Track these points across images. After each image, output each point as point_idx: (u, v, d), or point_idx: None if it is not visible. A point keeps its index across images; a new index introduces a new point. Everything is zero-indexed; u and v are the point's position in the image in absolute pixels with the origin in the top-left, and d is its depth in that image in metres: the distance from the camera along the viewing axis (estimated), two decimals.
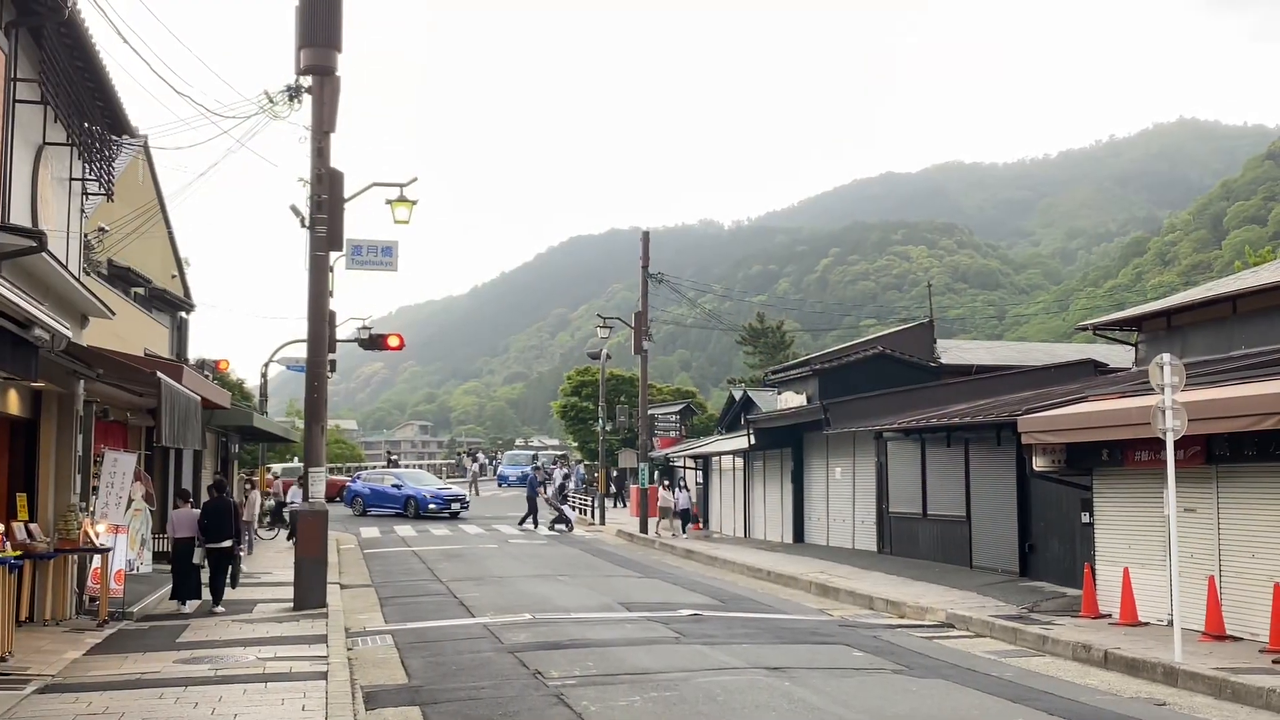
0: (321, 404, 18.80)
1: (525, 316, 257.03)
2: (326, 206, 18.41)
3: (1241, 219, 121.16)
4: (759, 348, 72.52)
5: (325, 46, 18.27)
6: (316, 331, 18.68)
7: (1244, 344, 21.53)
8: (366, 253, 22.06)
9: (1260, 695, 11.30)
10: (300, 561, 17.66)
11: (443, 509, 42.84)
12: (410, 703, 10.90)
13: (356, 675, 12.28)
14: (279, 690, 10.92)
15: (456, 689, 11.49)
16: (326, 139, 18.48)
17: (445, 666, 12.85)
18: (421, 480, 47.32)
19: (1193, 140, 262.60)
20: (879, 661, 13.32)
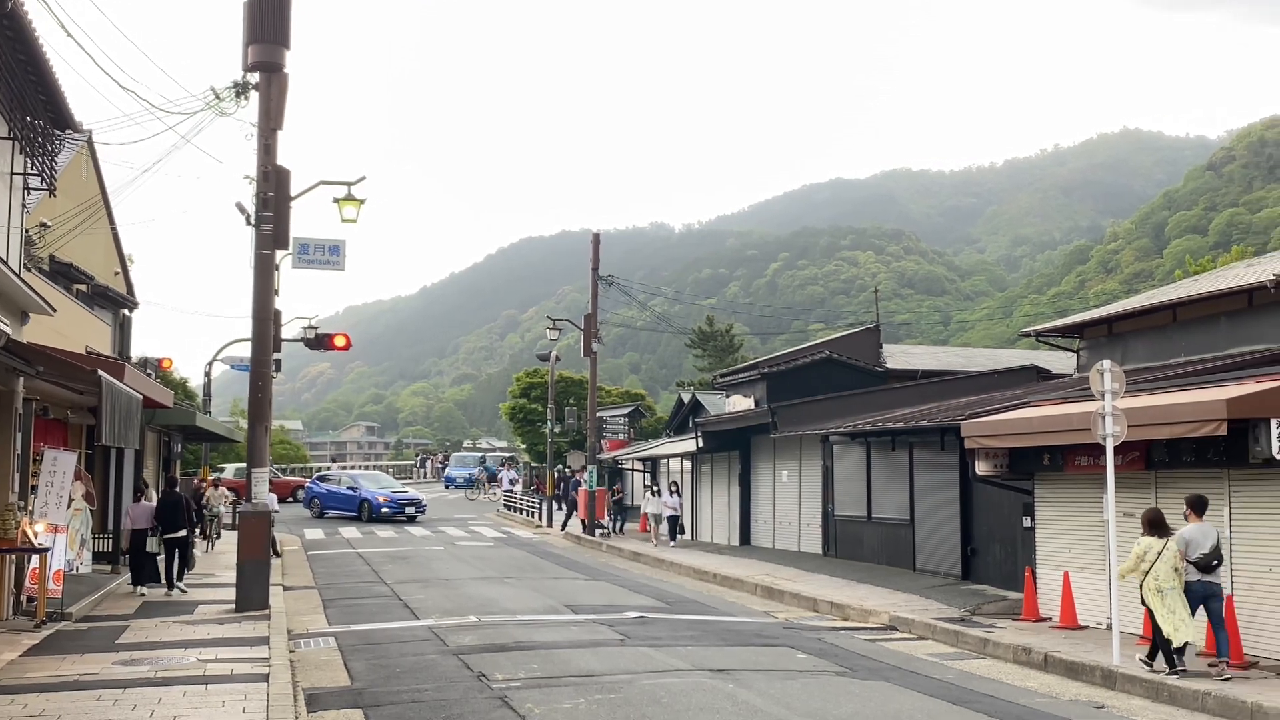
0: (265, 404, 18.63)
1: (474, 317, 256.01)
2: (273, 204, 18.26)
3: (1182, 228, 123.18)
4: (708, 351, 72.72)
5: (273, 43, 18.11)
6: (261, 331, 18.51)
7: (1184, 351, 21.91)
8: (314, 251, 21.83)
9: (1196, 698, 11.51)
10: (242, 563, 17.49)
11: (397, 512, 41.95)
12: (353, 705, 10.84)
13: (298, 677, 12.18)
14: (220, 692, 10.82)
15: (400, 691, 11.44)
16: (274, 136, 18.32)
17: (389, 669, 12.78)
18: (379, 482, 46.38)
19: (1136, 150, 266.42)
20: (822, 664, 13.41)
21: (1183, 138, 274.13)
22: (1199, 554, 12.65)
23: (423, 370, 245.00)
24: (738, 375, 37.31)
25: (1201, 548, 12.68)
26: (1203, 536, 12.79)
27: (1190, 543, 12.75)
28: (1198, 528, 12.90)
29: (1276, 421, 12.66)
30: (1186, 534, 12.85)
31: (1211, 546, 12.70)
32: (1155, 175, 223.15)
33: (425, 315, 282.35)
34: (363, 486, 43.83)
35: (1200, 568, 12.64)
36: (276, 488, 55.52)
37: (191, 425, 28.80)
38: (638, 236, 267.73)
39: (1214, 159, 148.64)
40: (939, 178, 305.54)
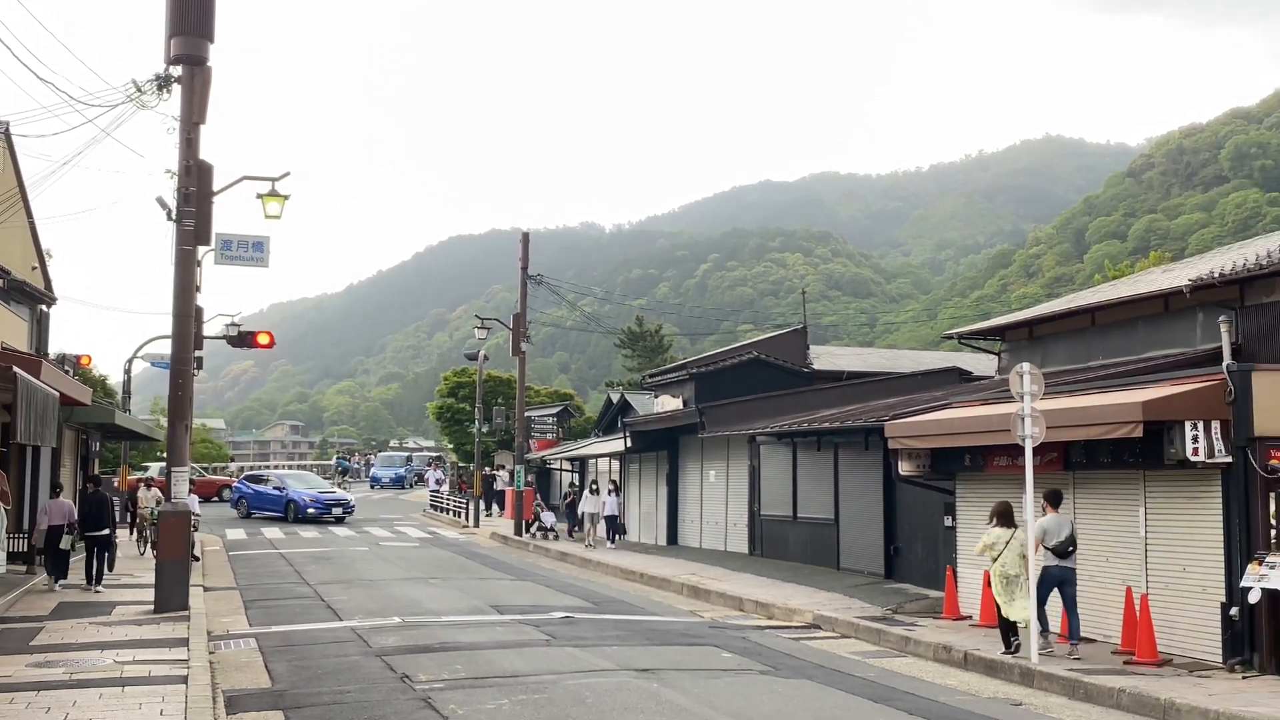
0: (186, 402, 18.33)
1: (402, 316, 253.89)
2: (195, 199, 17.96)
3: (1102, 234, 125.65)
4: (638, 351, 72.83)
5: (196, 35, 17.83)
6: (182, 328, 18.20)
7: (1102, 355, 22.35)
8: (237, 247, 21.55)
9: (1111, 695, 11.75)
10: (162, 563, 17.20)
11: (323, 513, 40.95)
12: (273, 707, 10.71)
13: (218, 679, 12.01)
14: (137, 695, 10.63)
15: (321, 693, 11.33)
16: (196, 130, 18.04)
17: (310, 670, 12.65)
18: (307, 482, 45.46)
19: (1058, 156, 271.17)
20: (747, 663, 13.50)
21: (1104, 145, 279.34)
22: (1055, 541, 13.88)
23: (349, 369, 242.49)
24: (666, 375, 37.42)
25: (1058, 536, 13.92)
26: (1058, 526, 13.99)
27: (1048, 532, 13.96)
28: (1054, 518, 14.08)
29: (1191, 424, 12.98)
30: (1044, 524, 14.03)
31: (1066, 535, 13.94)
32: (1076, 181, 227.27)
33: (352, 313, 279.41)
34: (289, 486, 42.96)
35: (1057, 554, 13.88)
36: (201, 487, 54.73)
37: (110, 423, 28.24)
38: (568, 236, 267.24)
39: (1134, 166, 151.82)
40: (866, 181, 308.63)
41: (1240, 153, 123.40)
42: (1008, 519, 14.26)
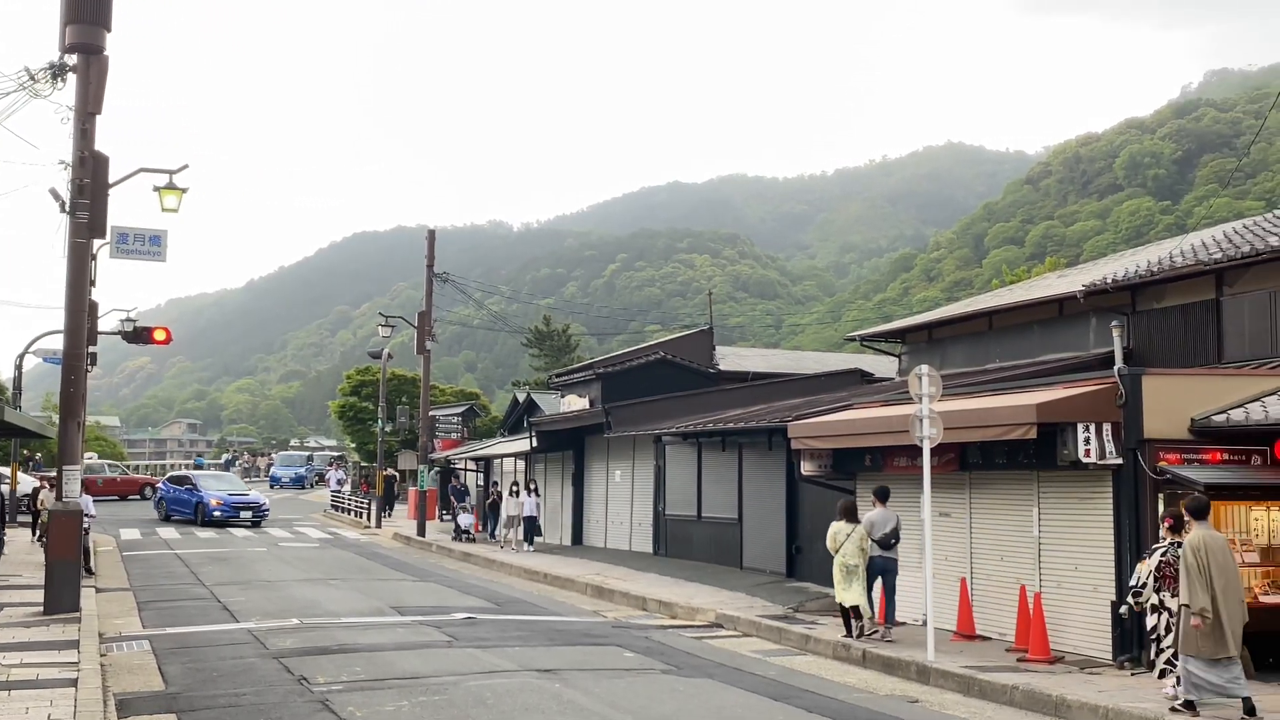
0: (78, 399, 17.84)
1: (305, 313, 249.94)
2: (89, 191, 17.48)
3: (1001, 239, 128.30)
4: (545, 350, 72.63)
5: (93, 24, 17.36)
6: (75, 323, 17.70)
7: (999, 357, 22.84)
8: (133, 241, 21.02)
9: (1004, 692, 12.00)
10: (52, 563, 16.70)
11: (230, 516, 38.69)
12: (166, 710, 10.50)
13: (110, 682, 11.71)
14: (24, 699, 10.32)
15: (216, 695, 11.12)
16: (92, 120, 17.56)
17: (205, 673, 12.41)
18: (221, 483, 43.10)
19: (959, 163, 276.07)
20: (649, 662, 13.54)
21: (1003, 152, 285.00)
22: (881, 534, 15.36)
23: (249, 366, 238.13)
24: (573, 375, 37.36)
25: (883, 529, 15.40)
26: (884, 520, 15.48)
27: (874, 525, 15.41)
28: (880, 513, 15.58)
29: (1083, 426, 13.31)
30: (872, 517, 15.54)
31: (891, 528, 15.41)
32: (976, 188, 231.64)
33: (252, 309, 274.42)
34: (201, 487, 40.61)
35: (882, 545, 15.32)
36: (121, 485, 53.32)
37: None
38: (476, 234, 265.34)
39: (1032, 173, 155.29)
40: (773, 184, 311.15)
41: (1134, 162, 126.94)
42: (851, 514, 15.55)
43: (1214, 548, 10.75)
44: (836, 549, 15.28)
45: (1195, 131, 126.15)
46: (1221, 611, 10.57)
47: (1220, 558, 10.71)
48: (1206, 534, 10.91)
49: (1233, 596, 10.69)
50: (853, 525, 15.37)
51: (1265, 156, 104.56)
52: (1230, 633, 10.58)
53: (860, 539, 15.21)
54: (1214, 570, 10.64)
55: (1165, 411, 13.35)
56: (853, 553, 15.13)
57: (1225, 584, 10.64)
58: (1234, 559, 10.95)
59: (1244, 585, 12.86)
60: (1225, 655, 10.55)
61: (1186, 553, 10.78)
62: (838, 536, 15.33)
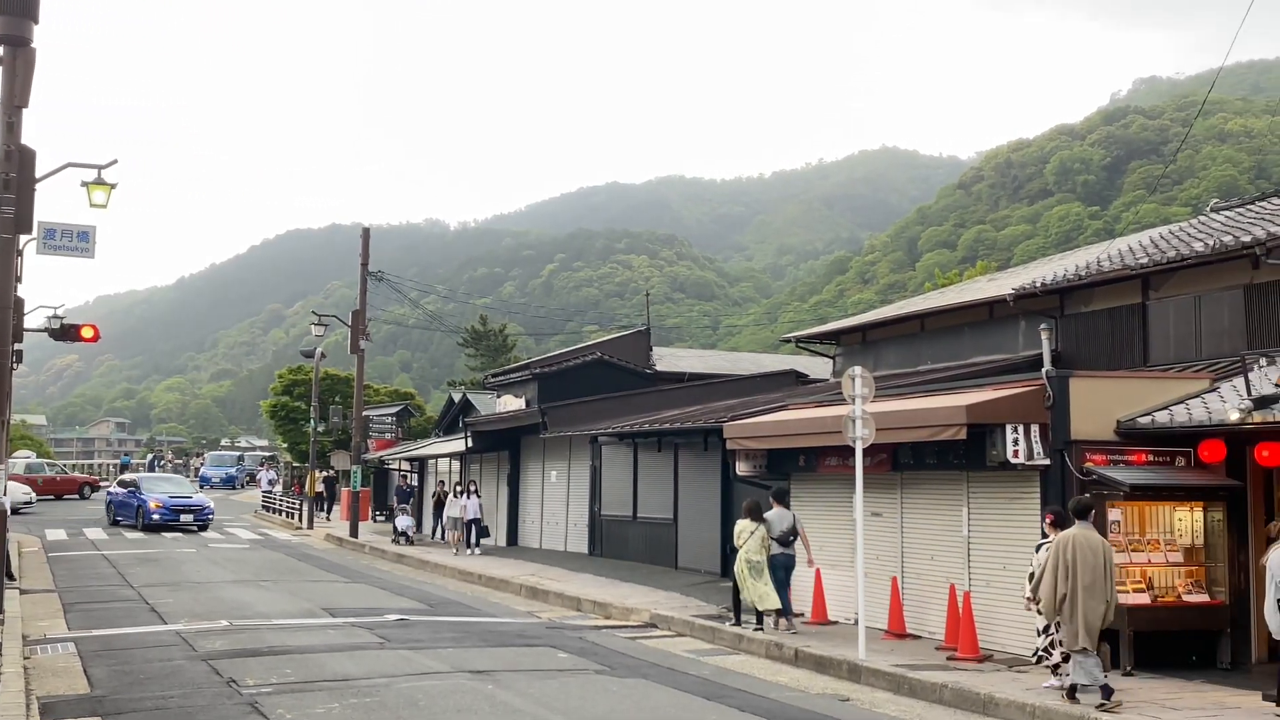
0: (4, 397, 17.44)
1: (236, 311, 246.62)
2: (15, 186, 17.10)
3: (934, 243, 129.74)
4: (481, 350, 72.27)
5: (20, 16, 16.95)
6: (0, 319, 17.33)
7: (930, 359, 23.10)
8: (61, 237, 20.58)
9: (934, 691, 12.14)
10: None
11: (170, 520, 36.39)
12: (92, 714, 10.33)
13: (33, 685, 11.49)
14: None
15: (143, 698, 10.95)
16: (18, 114, 17.17)
17: (132, 675, 12.21)
18: (167, 486, 40.32)
19: (894, 167, 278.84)
20: (583, 662, 13.53)
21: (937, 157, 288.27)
22: (778, 532, 16.28)
23: (179, 365, 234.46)
24: (509, 375, 37.24)
25: (781, 527, 16.34)
26: (781, 520, 16.43)
27: (772, 524, 16.31)
28: (778, 513, 16.52)
29: (1012, 427, 13.51)
30: (770, 516, 16.43)
31: (788, 527, 16.40)
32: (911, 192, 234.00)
33: (183, 307, 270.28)
34: (143, 490, 38.40)
35: (780, 543, 16.25)
36: (59, 485, 52.15)
37: None
38: (412, 233, 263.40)
39: (964, 178, 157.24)
40: (711, 186, 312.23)
41: (1064, 168, 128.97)
42: (755, 513, 16.33)
43: (1083, 546, 11.26)
44: (740, 546, 16.09)
45: (1124, 138, 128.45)
46: (1079, 607, 11.08)
47: (1088, 557, 11.22)
48: (1080, 533, 11.39)
49: (1096, 594, 11.15)
50: (756, 524, 16.18)
51: (1191, 164, 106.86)
52: (1085, 627, 11.08)
53: (763, 536, 16.08)
54: (1079, 568, 11.15)
55: (1092, 413, 13.58)
56: (756, 549, 15.96)
57: (1090, 582, 11.14)
58: (1103, 560, 11.30)
59: (1171, 584, 13.24)
60: (1079, 648, 11.06)
61: (1054, 547, 11.41)
62: (742, 534, 16.17)
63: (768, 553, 16.09)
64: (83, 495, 49.95)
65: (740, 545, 16.10)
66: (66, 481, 53.17)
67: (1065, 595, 11.18)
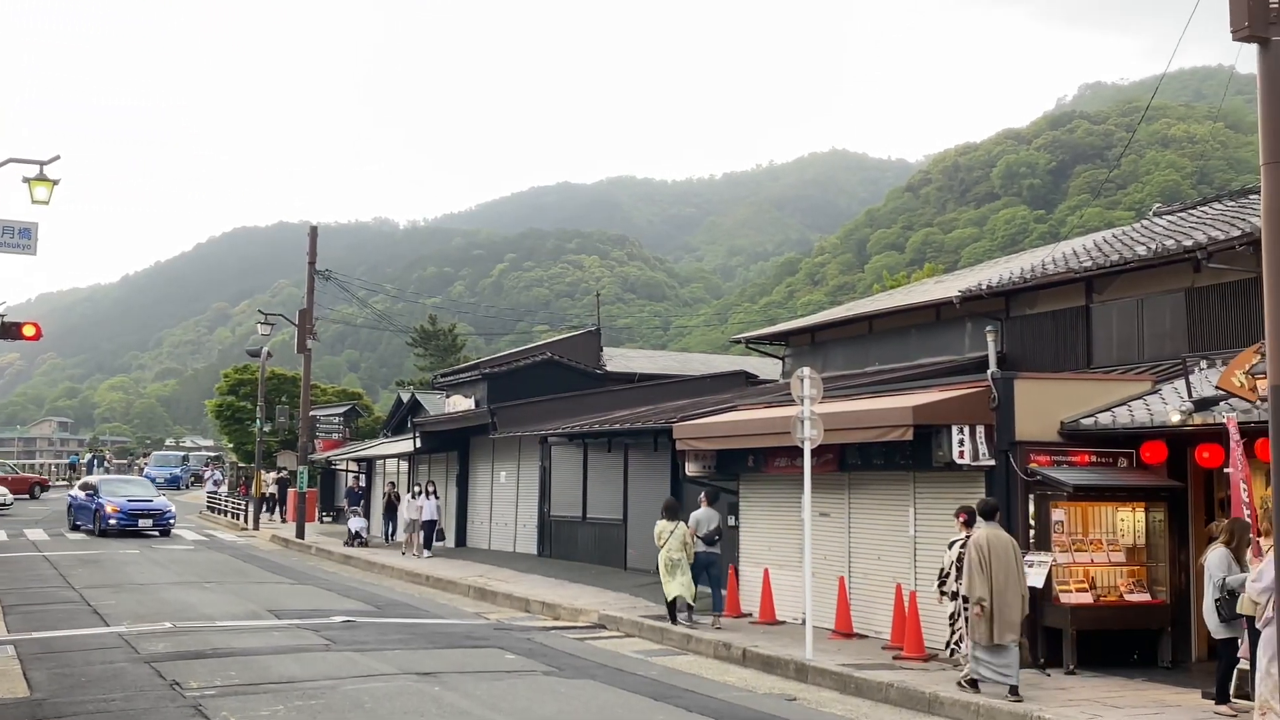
0: None
1: (182, 309, 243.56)
2: None
3: (882, 245, 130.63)
4: (430, 350, 71.91)
5: None
6: None
7: (878, 360, 23.27)
8: (2, 234, 20.29)
9: (880, 690, 12.22)
10: None
11: (128, 525, 34.34)
12: (31, 717, 10.17)
13: None
14: None
15: (84, 701, 10.78)
16: None
17: (73, 678, 12.02)
18: (129, 488, 38.09)
19: (843, 170, 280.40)
20: (530, 664, 13.50)
21: (885, 160, 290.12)
22: (705, 530, 16.87)
23: (123, 364, 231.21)
24: (459, 375, 37.09)
25: (707, 526, 16.95)
26: (708, 519, 17.02)
27: (700, 522, 16.93)
28: (705, 511, 17.10)
29: (958, 428, 13.63)
30: (698, 515, 17.00)
31: (715, 526, 16.98)
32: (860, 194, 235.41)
33: (127, 305, 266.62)
34: (101, 494, 36.03)
35: (706, 541, 16.80)
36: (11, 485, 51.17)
37: None
38: (360, 231, 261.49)
39: (912, 181, 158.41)
40: (662, 186, 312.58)
41: (1011, 171, 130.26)
42: (673, 513, 16.87)
43: (996, 546, 11.81)
44: (662, 545, 16.57)
45: (1069, 143, 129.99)
46: (997, 603, 11.60)
47: (1001, 555, 11.77)
48: (991, 532, 11.94)
49: (1011, 591, 11.68)
50: (675, 523, 16.68)
51: (1135, 168, 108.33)
52: (1004, 622, 11.56)
53: (683, 535, 16.53)
54: (995, 566, 11.68)
55: (1036, 414, 13.73)
56: (676, 547, 16.42)
57: (1005, 579, 11.68)
58: (1014, 557, 11.86)
59: (1113, 584, 13.43)
60: (999, 643, 11.52)
61: (970, 549, 11.91)
62: (662, 534, 16.64)
63: (690, 550, 16.54)
64: (33, 495, 49.13)
65: (661, 545, 16.58)
66: (18, 481, 52.51)
67: (985, 593, 11.62)
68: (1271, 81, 9.46)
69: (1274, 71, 9.44)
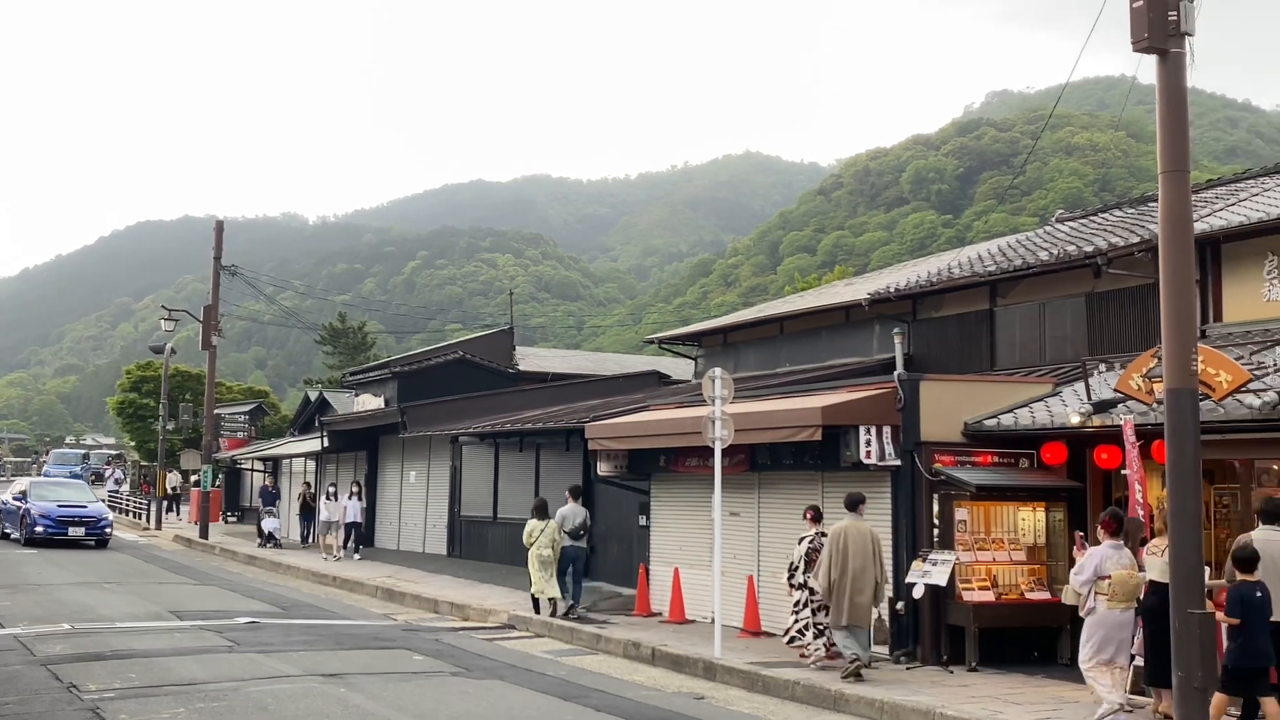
0: None
1: (83, 304, 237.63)
2: None
3: (795, 247, 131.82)
4: (339, 348, 71.07)
5: None
6: None
7: (789, 361, 23.48)
8: None
9: (786, 687, 12.33)
10: None
11: (57, 534, 30.63)
12: None
13: None
14: None
15: None
16: None
17: None
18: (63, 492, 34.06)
19: (757, 172, 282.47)
20: (438, 664, 13.39)
21: (798, 163, 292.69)
22: (571, 526, 17.55)
23: (21, 360, 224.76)
24: (368, 374, 36.70)
25: (574, 521, 17.63)
26: (574, 515, 17.72)
27: (566, 518, 17.62)
28: (571, 507, 17.83)
29: (865, 429, 13.81)
30: (564, 512, 17.71)
31: (580, 521, 17.70)
32: (773, 196, 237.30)
33: (26, 299, 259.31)
34: (31, 499, 32.43)
35: (572, 536, 17.46)
36: None
37: None
38: (269, 226, 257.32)
39: (825, 184, 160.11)
40: (577, 186, 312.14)
41: (920, 176, 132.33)
42: (543, 512, 17.68)
43: (854, 536, 12.78)
44: (531, 543, 17.29)
45: (976, 149, 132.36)
46: (848, 588, 12.57)
47: (859, 544, 12.73)
48: (850, 524, 12.91)
49: (866, 578, 12.64)
50: (545, 521, 17.47)
51: (1040, 175, 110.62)
52: (851, 606, 12.55)
53: (553, 532, 17.31)
54: (850, 555, 12.64)
55: (941, 415, 13.96)
56: (545, 543, 17.21)
57: (861, 566, 12.64)
58: (871, 547, 12.79)
59: (1014, 582, 13.70)
60: (853, 624, 12.55)
61: (830, 537, 12.92)
62: (532, 533, 17.38)
63: (558, 546, 17.26)
64: None
65: (532, 543, 17.29)
66: None
67: (837, 579, 12.59)
68: (1170, 92, 9.73)
69: (1172, 82, 9.70)
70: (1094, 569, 10.59)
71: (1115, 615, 10.50)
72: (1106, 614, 10.49)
